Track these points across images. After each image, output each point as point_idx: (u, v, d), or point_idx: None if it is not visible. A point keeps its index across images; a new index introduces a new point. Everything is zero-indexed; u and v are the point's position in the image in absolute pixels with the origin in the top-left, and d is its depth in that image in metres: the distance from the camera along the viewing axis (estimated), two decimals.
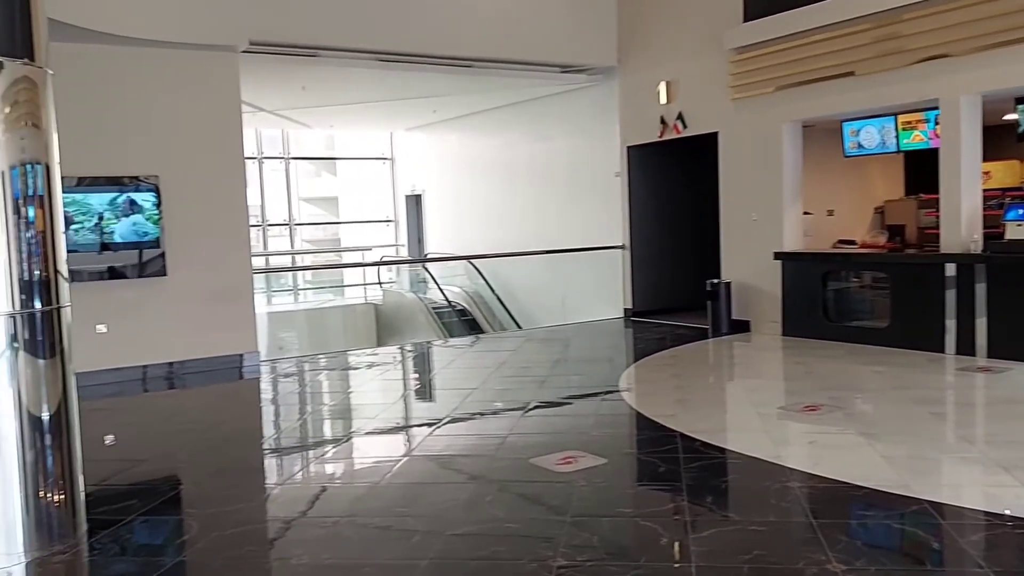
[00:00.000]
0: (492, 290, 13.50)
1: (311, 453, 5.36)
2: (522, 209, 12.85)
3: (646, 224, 10.59)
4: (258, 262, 14.79)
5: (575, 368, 7.77)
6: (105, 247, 7.47)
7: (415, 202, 16.29)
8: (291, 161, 16.91)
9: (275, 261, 17.00)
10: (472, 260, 13.50)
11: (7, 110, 3.43)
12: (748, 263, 9.09)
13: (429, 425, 5.73)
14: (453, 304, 13.87)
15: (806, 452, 4.78)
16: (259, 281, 9.20)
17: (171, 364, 7.89)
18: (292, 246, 17.50)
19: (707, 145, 9.45)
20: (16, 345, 3.47)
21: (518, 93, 11.89)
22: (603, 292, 11.08)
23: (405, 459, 4.93)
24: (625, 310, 10.66)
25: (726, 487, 4.29)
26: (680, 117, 9.63)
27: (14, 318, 3.46)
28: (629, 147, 10.43)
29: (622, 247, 10.64)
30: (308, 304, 16.16)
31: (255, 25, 7.94)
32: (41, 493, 3.52)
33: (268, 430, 6.16)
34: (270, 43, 8.23)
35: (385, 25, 8.82)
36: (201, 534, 3.69)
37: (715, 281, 9.19)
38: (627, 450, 5.15)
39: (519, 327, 12.56)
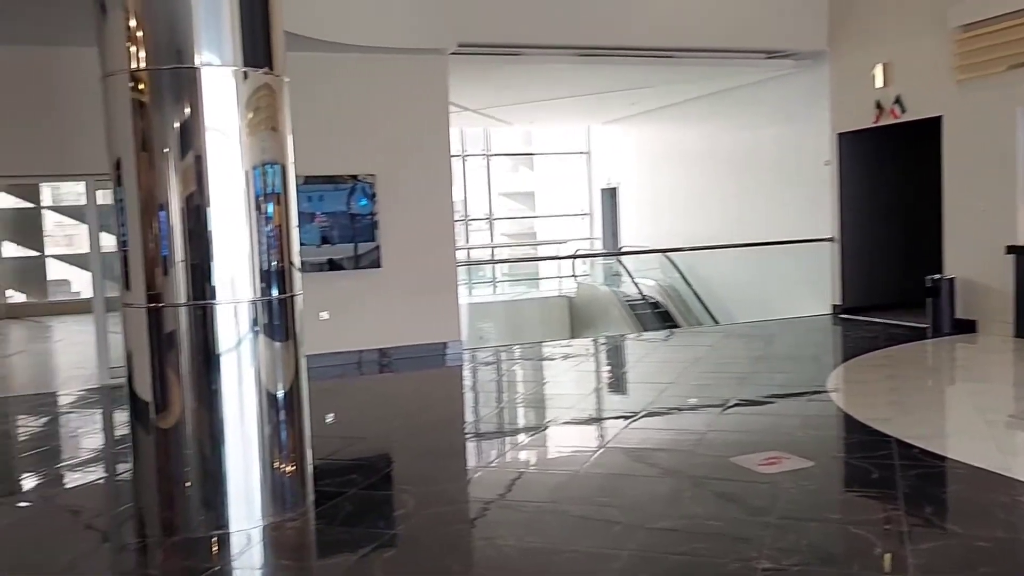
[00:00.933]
0: (688, 284, 13.25)
1: (511, 439, 5.54)
2: (722, 201, 12.51)
3: (858, 215, 9.97)
4: (460, 255, 15.39)
5: (778, 366, 7.48)
6: (325, 240, 8.08)
7: (611, 195, 16.29)
8: (491, 157, 17.44)
9: (476, 254, 17.61)
10: (668, 253, 13.31)
11: (250, 115, 3.80)
12: (975, 257, 8.33)
13: (625, 418, 5.74)
14: (647, 297, 13.76)
15: None
16: (461, 273, 9.60)
17: (382, 350, 8.41)
18: (491, 240, 18.07)
19: (928, 130, 8.75)
20: (257, 329, 3.84)
21: (720, 82, 11.57)
22: (808, 287, 10.57)
23: (602, 450, 4.97)
24: (833, 306, 10.11)
25: (947, 498, 3.99)
26: (898, 101, 8.98)
27: (255, 304, 3.83)
28: (840, 134, 9.86)
29: (831, 240, 10.10)
30: (505, 296, 16.62)
31: (463, 28, 8.26)
32: (276, 464, 3.89)
33: (471, 415, 6.43)
34: (477, 44, 8.53)
35: (586, 20, 8.88)
36: (415, 510, 3.92)
37: (937, 276, 8.51)
38: (836, 454, 4.90)
39: (716, 322, 12.25)
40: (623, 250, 15.61)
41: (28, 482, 5.00)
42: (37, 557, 3.61)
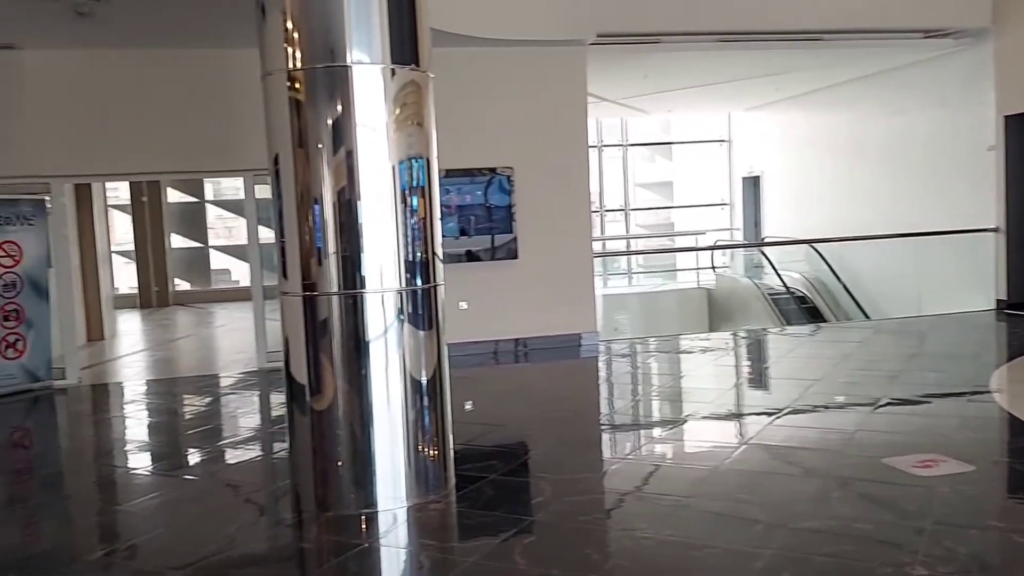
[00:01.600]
0: (836, 276, 12.67)
1: (648, 432, 5.51)
2: (873, 189, 11.88)
3: None
4: (596, 246, 15.34)
5: (933, 364, 7.05)
6: (463, 232, 8.25)
7: (752, 184, 15.80)
8: (628, 147, 17.28)
9: (611, 245, 17.52)
10: (814, 244, 12.78)
11: (397, 111, 3.94)
12: None
13: (768, 415, 5.57)
14: (792, 290, 13.26)
15: None
16: (596, 265, 9.60)
17: (517, 340, 8.52)
18: (627, 231, 17.92)
19: None
20: (402, 317, 3.98)
21: (870, 64, 10.97)
22: (968, 281, 9.89)
23: (744, 447, 4.85)
24: (997, 301, 9.42)
25: None
26: None
27: (400, 294, 3.98)
28: (1008, 117, 9.15)
29: (995, 230, 9.40)
30: (641, 288, 16.44)
31: (602, 18, 8.22)
32: (420, 448, 4.03)
33: (606, 407, 6.42)
34: (615, 34, 8.47)
35: (728, 4, 8.64)
36: (553, 498, 3.97)
37: None
38: (999, 458, 4.58)
39: (867, 317, 11.67)
40: (766, 241, 15.12)
41: (193, 458, 5.39)
42: (202, 527, 3.90)
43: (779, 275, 13.46)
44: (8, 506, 4.62)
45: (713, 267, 15.40)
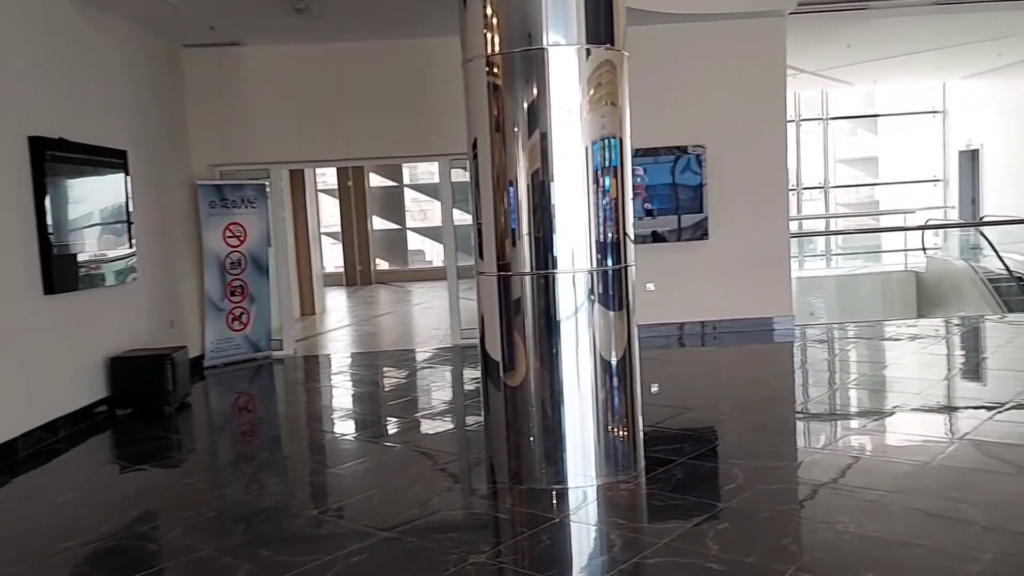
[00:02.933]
0: None
1: (850, 423, 5.24)
2: None
3: None
4: (792, 226, 14.68)
5: None
6: (648, 213, 8.14)
7: (970, 158, 14.48)
8: (829, 121, 16.34)
9: (808, 225, 16.68)
10: None
11: (591, 92, 3.95)
12: None
13: (987, 409, 5.12)
14: (1015, 274, 12.05)
15: None
16: (792, 245, 9.17)
17: (704, 323, 8.33)
18: (826, 209, 16.98)
19: None
20: (592, 298, 4.01)
21: None
22: None
23: (958, 442, 4.49)
24: None
25: None
26: None
27: (592, 274, 4.00)
28: None
29: None
30: (840, 270, 15.54)
31: None
32: (610, 427, 4.05)
33: (803, 394, 6.15)
34: (818, 1, 8.02)
35: None
36: (746, 485, 3.87)
37: None
38: None
39: None
40: (985, 220, 13.82)
41: (393, 427, 5.71)
42: (404, 493, 4.13)
43: (1000, 257, 12.26)
44: (236, 464, 5.11)
45: (923, 248, 14.28)
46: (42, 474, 4.89)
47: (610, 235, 4.03)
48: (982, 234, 12.99)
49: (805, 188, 16.60)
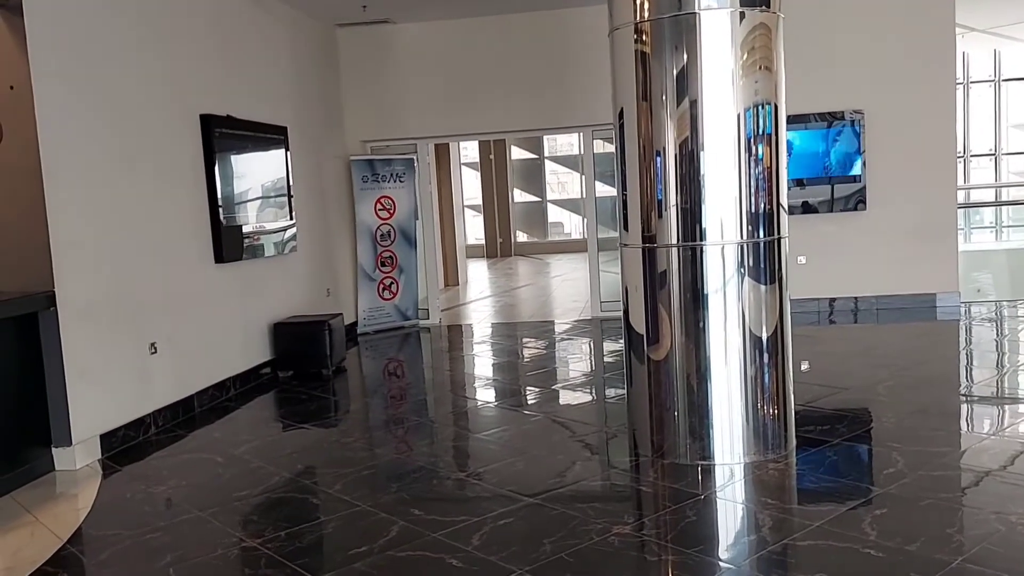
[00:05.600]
0: None
1: (1019, 408, 4.88)
2: None
3: None
4: (959, 196, 13.73)
5: None
6: (799, 183, 7.78)
7: None
8: (1001, 83, 15.08)
9: (976, 195, 15.53)
10: None
11: (744, 56, 3.80)
12: None
13: None
14: None
15: None
16: (959, 217, 8.53)
17: (858, 299, 7.93)
18: (996, 178, 15.74)
19: None
20: (742, 271, 3.89)
21: None
22: None
23: None
24: None
25: None
26: None
27: (742, 246, 3.88)
28: None
29: None
30: (1012, 244, 14.39)
31: None
32: (759, 405, 3.94)
33: (967, 376, 5.76)
34: None
35: None
36: (906, 470, 3.67)
37: None
38: None
39: None
40: None
41: (532, 397, 5.78)
42: (547, 462, 4.18)
43: None
44: (388, 426, 5.33)
45: None
46: (216, 429, 5.27)
47: (762, 205, 3.89)
48: None
49: (973, 156, 15.42)
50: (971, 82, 14.68)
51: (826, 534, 3.06)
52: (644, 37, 3.84)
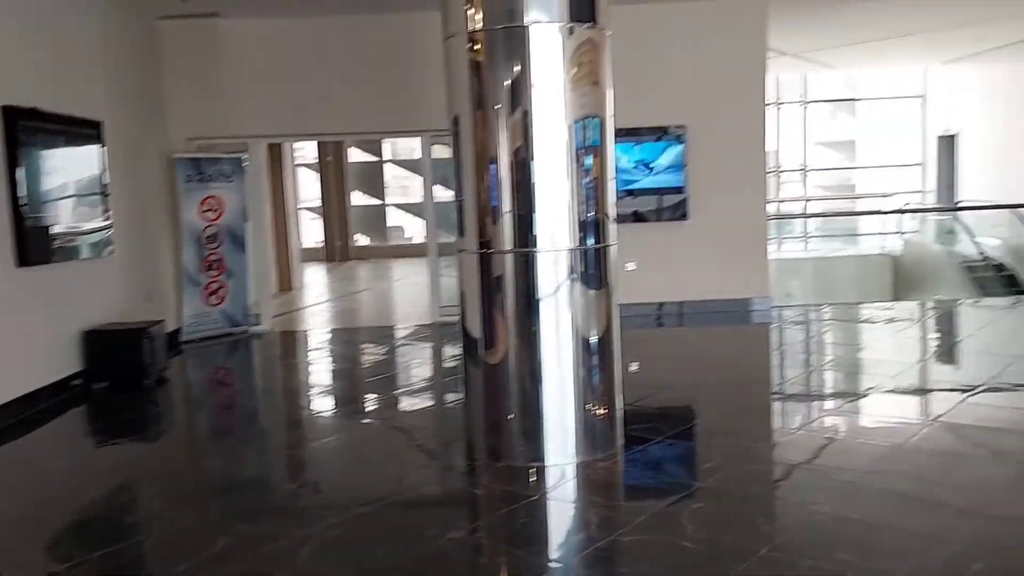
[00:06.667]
0: None
1: (825, 404, 5.29)
2: None
3: None
4: (771, 208, 14.76)
5: None
6: (630, 193, 8.13)
7: (948, 144, 14.59)
8: (808, 104, 16.39)
9: (787, 207, 16.78)
10: (1019, 209, 11.68)
11: (573, 70, 3.91)
12: None
13: (961, 392, 5.19)
14: (990, 259, 12.21)
15: None
16: (770, 227, 9.23)
17: (683, 303, 8.37)
18: (804, 192, 17.09)
19: None
20: (574, 276, 4.00)
21: None
22: None
23: (932, 425, 4.54)
24: None
25: None
26: None
27: (573, 253, 3.99)
28: None
29: None
30: (817, 252, 15.67)
31: None
32: (589, 406, 4.06)
33: (779, 375, 6.21)
34: None
35: None
36: (721, 465, 3.90)
37: None
38: None
39: None
40: (961, 205, 13.96)
41: (371, 403, 5.70)
42: (382, 469, 4.13)
43: (975, 242, 12.42)
44: (214, 438, 5.09)
45: (900, 232, 14.42)
46: (21, 446, 4.83)
47: (591, 214, 4.02)
48: (958, 219, 13.14)
49: (784, 171, 16.68)
50: (782, 102, 15.85)
51: (648, 529, 3.20)
52: (477, 46, 3.88)
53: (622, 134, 7.84)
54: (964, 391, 5.17)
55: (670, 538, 3.10)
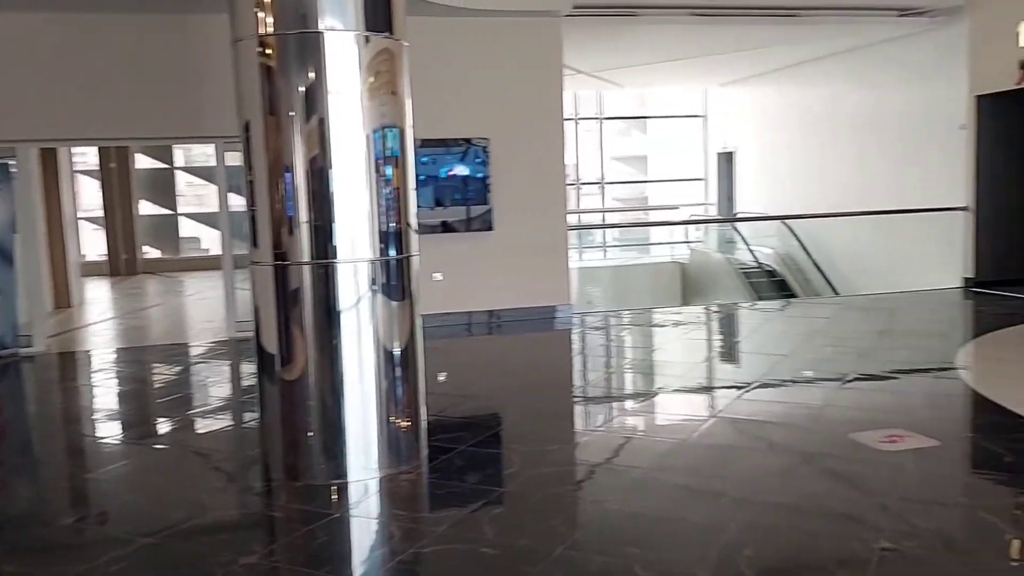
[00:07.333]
0: (807, 252, 12.81)
1: (619, 405, 5.57)
2: (845, 166, 11.98)
3: (996, 183, 9.36)
4: (571, 219, 15.36)
5: (902, 341, 7.16)
6: (439, 203, 8.19)
7: (726, 160, 15.86)
8: (604, 121, 17.24)
9: (586, 219, 17.54)
10: (786, 220, 12.89)
11: (371, 79, 3.88)
12: None
13: (737, 388, 5.64)
14: (763, 266, 13.39)
15: None
16: (571, 237, 9.63)
17: (491, 312, 8.52)
18: (603, 204, 17.94)
19: None
20: (375, 288, 3.96)
21: (845, 41, 11.02)
22: (937, 258, 10.03)
23: (712, 420, 4.90)
24: (965, 279, 9.57)
25: None
26: None
27: (374, 264, 3.95)
28: (979, 96, 9.24)
29: (964, 209, 9.53)
30: (615, 261, 16.52)
31: None
32: (392, 418, 4.03)
33: (579, 379, 6.46)
34: (592, 6, 8.40)
35: None
36: (523, 469, 4.00)
37: None
38: (965, 434, 4.68)
39: (836, 293, 11.82)
40: (739, 216, 15.22)
41: (163, 426, 5.34)
42: (172, 495, 3.87)
43: (751, 250, 13.58)
44: None
45: (687, 242, 15.50)
46: None
47: (392, 224, 4.00)
48: (736, 230, 14.30)
49: (583, 183, 17.43)
50: (580, 118, 16.58)
51: (450, 538, 3.21)
52: (269, 51, 3.75)
53: (430, 144, 7.97)
54: (740, 388, 5.62)
55: (470, 545, 3.13)
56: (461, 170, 8.20)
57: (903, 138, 10.68)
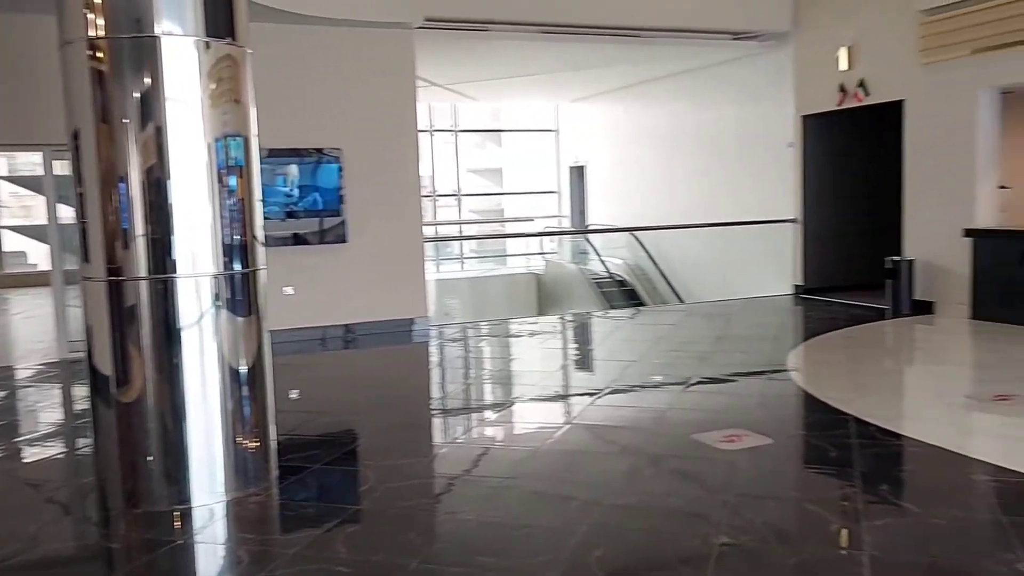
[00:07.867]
0: (654, 262, 13.36)
1: (475, 416, 5.59)
2: (687, 181, 12.60)
3: (821, 197, 10.11)
4: (428, 231, 15.35)
5: (739, 345, 7.59)
6: (290, 215, 7.99)
7: (578, 173, 16.32)
8: (459, 133, 17.35)
9: (443, 230, 17.57)
10: (634, 232, 13.40)
11: (212, 87, 3.74)
12: (933, 240, 8.50)
13: (589, 395, 5.79)
14: (614, 276, 13.85)
15: (995, 444, 4.47)
16: (428, 249, 9.61)
17: (347, 326, 8.37)
18: (459, 216, 18.02)
19: (891, 114, 8.87)
20: (218, 303, 3.80)
21: (685, 62, 11.61)
22: (771, 267, 10.71)
23: (565, 427, 5.01)
24: (795, 287, 10.26)
25: (903, 476, 4.10)
26: (862, 84, 9.08)
27: (217, 279, 3.80)
28: (804, 116, 9.96)
29: (793, 221, 10.22)
30: (473, 272, 16.63)
31: (429, 1, 8.17)
32: (239, 439, 3.87)
33: (436, 392, 6.45)
34: (443, 19, 8.44)
35: None
36: (377, 485, 3.94)
37: (896, 258, 8.67)
38: (795, 432, 5.01)
39: (681, 301, 12.38)
40: (590, 228, 15.68)
41: None
42: (0, 528, 3.58)
43: (602, 261, 14.02)
44: None
45: (542, 253, 15.81)
46: None
47: (237, 237, 3.86)
48: (588, 241, 14.73)
49: (440, 195, 17.46)
50: (435, 130, 16.61)
51: (303, 559, 3.12)
52: (100, 55, 3.54)
53: (282, 154, 7.75)
54: (592, 394, 5.78)
55: (324, 565, 3.05)
56: (312, 180, 8.03)
57: (740, 155, 11.35)
